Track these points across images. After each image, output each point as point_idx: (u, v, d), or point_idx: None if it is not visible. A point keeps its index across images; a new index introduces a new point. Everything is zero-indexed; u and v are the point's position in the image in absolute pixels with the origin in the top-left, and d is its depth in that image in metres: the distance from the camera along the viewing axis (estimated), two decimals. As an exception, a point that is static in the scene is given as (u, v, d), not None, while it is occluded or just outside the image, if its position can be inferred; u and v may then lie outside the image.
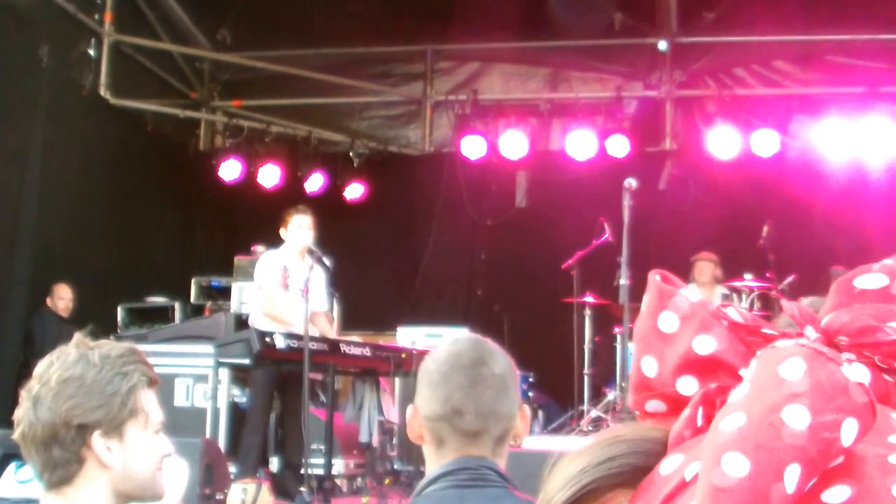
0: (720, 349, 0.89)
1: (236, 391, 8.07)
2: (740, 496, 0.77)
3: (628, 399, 0.94)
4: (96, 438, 2.07)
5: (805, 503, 0.79)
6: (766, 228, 8.65)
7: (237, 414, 7.74)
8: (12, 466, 3.89)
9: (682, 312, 0.92)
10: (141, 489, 2.16)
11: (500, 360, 2.10)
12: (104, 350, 2.13)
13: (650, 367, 0.90)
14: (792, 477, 0.79)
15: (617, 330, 8.80)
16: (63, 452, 2.06)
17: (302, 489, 6.74)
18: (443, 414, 2.02)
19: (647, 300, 0.92)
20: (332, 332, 7.91)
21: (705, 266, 9.55)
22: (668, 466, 0.82)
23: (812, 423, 0.80)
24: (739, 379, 0.89)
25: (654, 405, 0.90)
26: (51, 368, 2.09)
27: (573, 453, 0.89)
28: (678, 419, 0.86)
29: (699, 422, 0.86)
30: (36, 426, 2.06)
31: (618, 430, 0.89)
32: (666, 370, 0.89)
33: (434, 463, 2.06)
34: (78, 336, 2.17)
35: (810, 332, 0.90)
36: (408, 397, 7.83)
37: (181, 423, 7.13)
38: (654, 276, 0.93)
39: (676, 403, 0.89)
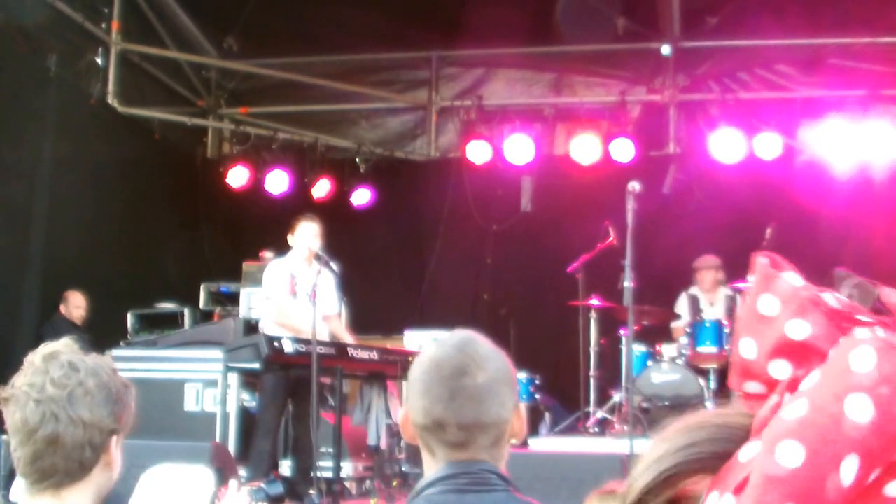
0: (813, 335, 0.89)
1: (246, 396, 8.13)
2: (793, 486, 0.77)
3: (730, 379, 0.97)
4: (114, 443, 2.20)
5: (866, 496, 0.80)
6: (769, 231, 8.66)
7: (247, 418, 7.79)
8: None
9: (783, 296, 0.94)
10: (108, 491, 2.26)
11: (487, 366, 1.98)
12: (100, 361, 2.22)
13: (749, 350, 0.89)
14: (849, 469, 0.78)
15: (622, 332, 8.81)
16: (92, 454, 2.15)
17: (311, 492, 6.79)
18: (426, 425, 1.98)
19: (752, 282, 0.92)
20: (345, 334, 7.95)
21: (705, 275, 9.60)
22: (748, 453, 0.81)
23: (875, 416, 0.80)
24: None
25: (753, 387, 0.89)
26: (77, 373, 2.13)
27: (657, 438, 0.88)
28: (764, 405, 0.85)
29: None
30: (77, 425, 2.11)
31: (703, 415, 0.88)
32: (762, 353, 0.89)
33: (430, 465, 2.02)
34: (67, 342, 2.21)
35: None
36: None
37: (191, 429, 7.19)
38: (762, 260, 0.96)
39: (774, 386, 0.87)
